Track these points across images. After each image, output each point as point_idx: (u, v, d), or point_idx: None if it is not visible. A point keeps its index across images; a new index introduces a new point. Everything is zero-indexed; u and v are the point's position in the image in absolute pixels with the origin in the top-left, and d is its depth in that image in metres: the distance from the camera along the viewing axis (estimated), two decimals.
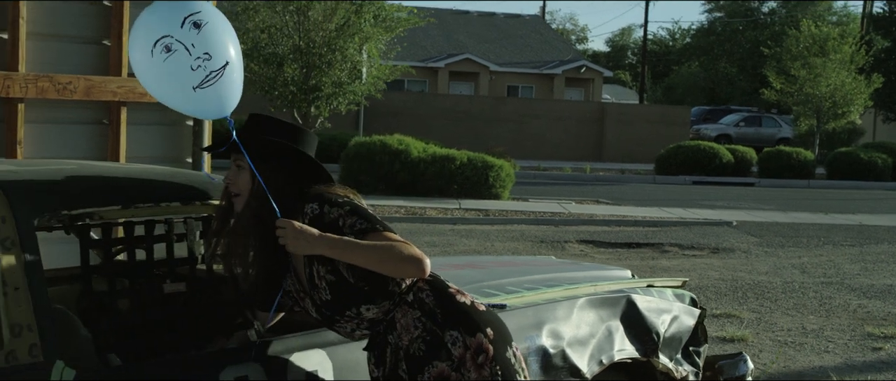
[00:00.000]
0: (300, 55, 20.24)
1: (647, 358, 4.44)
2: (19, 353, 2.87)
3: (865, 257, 14.83)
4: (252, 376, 3.19)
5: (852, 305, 10.99)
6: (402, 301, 3.22)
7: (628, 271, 5.33)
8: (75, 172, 3.32)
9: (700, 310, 4.92)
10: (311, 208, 3.22)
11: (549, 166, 32.82)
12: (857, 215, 21.16)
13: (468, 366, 3.15)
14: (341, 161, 21.64)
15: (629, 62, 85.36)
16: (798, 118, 35.43)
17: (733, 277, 12.61)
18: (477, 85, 47.22)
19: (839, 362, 8.46)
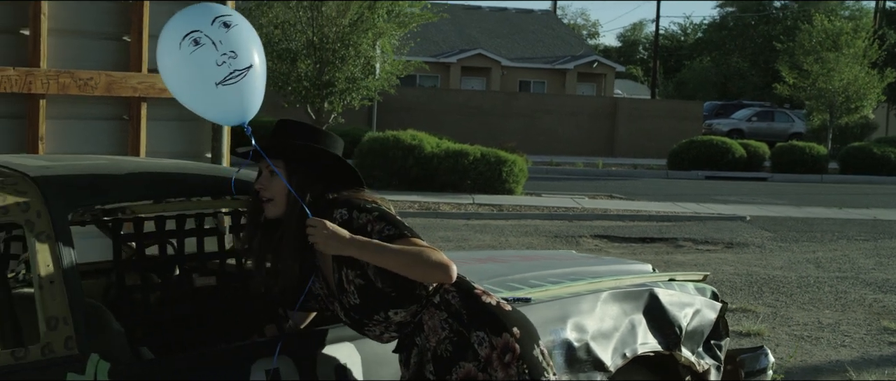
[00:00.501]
0: (313, 51, 20.27)
1: (669, 351, 4.46)
2: (55, 345, 2.91)
3: (880, 252, 14.81)
4: (283, 369, 3.22)
5: (868, 299, 10.99)
6: (429, 304, 3.25)
7: (649, 265, 5.35)
8: (107, 167, 3.35)
9: (721, 304, 4.94)
10: (340, 213, 3.24)
11: (561, 161, 32.82)
12: (871, 210, 21.12)
13: (495, 366, 3.17)
14: (354, 157, 21.66)
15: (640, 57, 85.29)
16: (811, 113, 35.37)
17: (748, 271, 12.61)
18: (489, 80, 47.23)
19: (856, 356, 8.46)
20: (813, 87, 33.38)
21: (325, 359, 3.34)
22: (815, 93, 33.52)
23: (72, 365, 2.89)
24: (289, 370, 3.24)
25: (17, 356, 2.88)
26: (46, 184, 3.06)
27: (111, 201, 3.16)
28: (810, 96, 33.89)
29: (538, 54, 49.67)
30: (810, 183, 29.30)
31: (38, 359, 2.88)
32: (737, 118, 45.47)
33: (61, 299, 2.91)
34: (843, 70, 32.46)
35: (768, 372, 5.14)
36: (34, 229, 2.97)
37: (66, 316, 2.90)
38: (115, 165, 3.42)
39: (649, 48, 76.96)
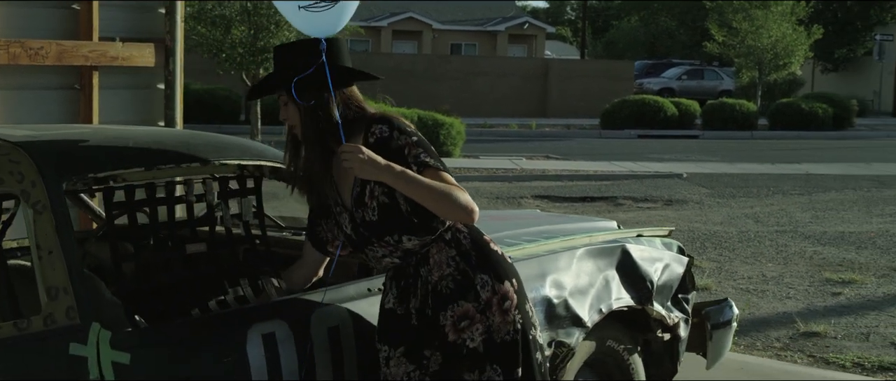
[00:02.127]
0: (248, 17, 20.06)
1: (642, 306, 4.53)
2: (57, 315, 2.89)
3: (815, 206, 15.09)
4: (279, 333, 3.23)
5: (808, 252, 11.21)
6: (440, 238, 3.28)
7: (614, 222, 5.42)
8: (95, 135, 3.33)
9: (688, 258, 5.03)
10: (381, 129, 3.24)
11: (495, 123, 32.90)
12: (802, 165, 21.49)
13: (494, 310, 3.23)
14: None
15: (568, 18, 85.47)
16: (740, 70, 35.77)
17: (689, 228, 12.79)
18: (420, 44, 47.12)
19: (802, 307, 8.65)
20: (742, 44, 33.74)
21: (320, 321, 3.36)
22: (744, 50, 33.88)
23: (74, 335, 2.87)
24: (284, 333, 3.25)
25: (19, 327, 2.86)
26: (40, 153, 3.03)
27: (103, 168, 3.14)
28: (739, 54, 34.25)
29: (469, 16, 49.62)
30: (741, 139, 29.69)
31: (40, 330, 2.86)
32: (667, 77, 45.89)
33: (61, 269, 2.89)
34: (772, 27, 32.84)
35: (733, 324, 5.25)
36: (30, 198, 2.94)
37: (67, 286, 2.88)
38: (102, 132, 3.40)
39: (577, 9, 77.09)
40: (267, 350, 3.19)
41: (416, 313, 3.27)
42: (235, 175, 3.64)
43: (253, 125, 20.84)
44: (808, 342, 7.57)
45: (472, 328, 3.23)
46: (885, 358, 7.10)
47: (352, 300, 3.51)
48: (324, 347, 3.33)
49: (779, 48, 33.18)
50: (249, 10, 20.03)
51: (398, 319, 3.31)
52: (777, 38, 32.93)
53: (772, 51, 33.28)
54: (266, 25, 20.16)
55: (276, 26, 20.17)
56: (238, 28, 20.21)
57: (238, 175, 3.65)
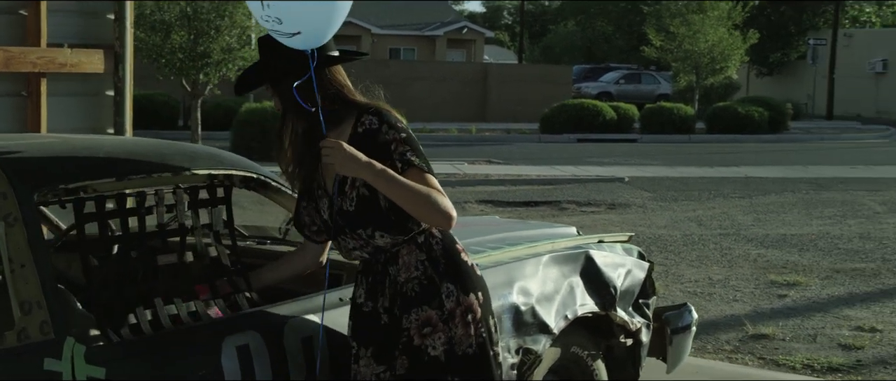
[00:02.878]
0: (188, 22, 19.89)
1: (605, 312, 4.55)
2: (31, 330, 2.83)
3: (756, 209, 15.28)
4: (252, 344, 3.20)
5: (752, 254, 11.34)
6: (412, 240, 3.25)
7: (573, 227, 5.43)
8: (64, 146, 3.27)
9: (648, 263, 5.06)
10: (370, 120, 3.21)
11: (434, 128, 32.90)
12: (741, 168, 21.73)
13: (456, 321, 3.20)
14: (232, 128, 21.40)
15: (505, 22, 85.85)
16: (677, 74, 36.15)
17: (634, 231, 12.81)
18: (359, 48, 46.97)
19: (749, 310, 8.74)
20: (679, 49, 34.09)
21: (292, 332, 3.33)
22: (681, 55, 34.23)
23: (49, 350, 2.82)
24: (257, 344, 3.22)
25: None
26: (9, 165, 2.98)
27: (75, 180, 3.08)
28: (677, 58, 34.60)
29: (408, 21, 49.63)
30: (679, 143, 29.97)
31: (14, 345, 2.80)
32: (605, 81, 46.24)
33: (34, 283, 2.83)
34: (708, 32, 33.22)
35: (692, 328, 5.29)
36: (1, 211, 2.88)
37: (40, 300, 2.82)
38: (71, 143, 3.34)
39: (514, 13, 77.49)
40: (241, 362, 3.15)
41: (386, 312, 3.25)
42: (205, 185, 3.60)
43: (193, 131, 20.66)
44: (757, 344, 7.65)
45: (435, 336, 3.20)
46: (834, 359, 7.20)
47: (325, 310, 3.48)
48: (297, 358, 3.30)
49: (715, 53, 33.57)
50: (189, 14, 19.88)
51: (367, 316, 3.29)
52: (714, 42, 33.32)
53: (709, 55, 33.66)
54: (206, 30, 20.02)
55: (216, 31, 20.03)
56: (178, 33, 20.04)
57: (208, 185, 3.61)
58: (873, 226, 13.54)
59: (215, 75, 20.54)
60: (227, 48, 20.31)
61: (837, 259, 11.06)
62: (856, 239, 12.40)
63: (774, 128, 33.23)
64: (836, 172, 20.99)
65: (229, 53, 20.37)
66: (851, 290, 9.53)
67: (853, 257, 11.23)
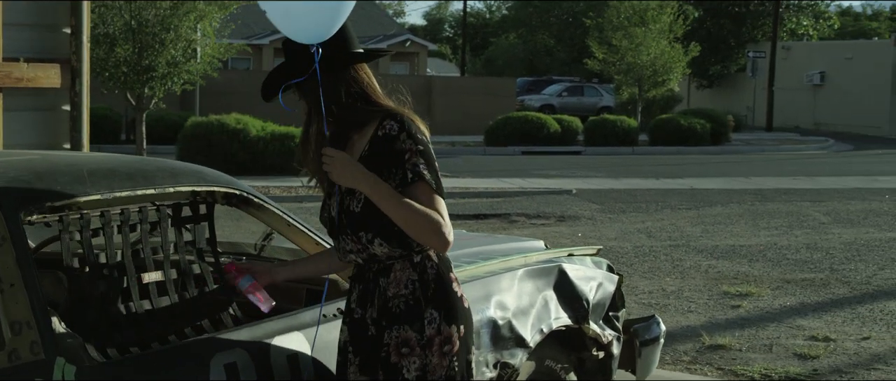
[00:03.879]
0: (132, 35, 19.70)
1: (578, 325, 4.57)
2: (21, 351, 2.79)
3: (704, 220, 15.43)
4: (240, 362, 3.18)
5: (703, 266, 11.45)
6: (408, 257, 3.21)
7: (541, 241, 5.46)
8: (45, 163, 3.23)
9: (618, 276, 5.09)
10: (390, 125, 3.18)
11: None
12: (686, 180, 21.95)
13: (433, 349, 3.17)
14: (178, 142, 21.25)
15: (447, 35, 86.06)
16: (620, 87, 36.43)
17: (585, 243, 12.94)
18: None
19: (704, 321, 8.81)
20: (622, 61, 34.35)
21: (278, 349, 3.31)
22: (624, 67, 34.49)
23: (39, 371, 2.78)
24: (244, 362, 3.20)
25: None
26: None
27: (61, 198, 3.04)
28: (619, 71, 34.86)
29: None
30: (623, 155, 30.20)
31: (5, 366, 2.76)
32: (548, 94, 46.50)
33: (23, 303, 2.79)
34: (651, 45, 33.52)
35: (660, 340, 5.33)
36: None
37: (30, 320, 2.78)
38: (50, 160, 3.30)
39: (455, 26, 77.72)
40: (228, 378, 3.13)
41: (373, 323, 3.22)
42: (188, 202, 3.57)
43: (138, 145, 20.46)
44: (714, 355, 7.72)
45: (411, 358, 3.16)
46: (791, 369, 7.28)
47: (308, 327, 3.47)
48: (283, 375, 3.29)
49: (658, 65, 33.88)
50: (134, 28, 19.68)
51: (357, 323, 3.27)
52: (656, 55, 33.62)
53: (651, 68, 33.96)
54: (151, 44, 19.83)
55: (161, 45, 19.86)
56: (122, 46, 19.83)
57: (191, 202, 3.58)
58: (819, 236, 13.73)
59: (161, 89, 20.36)
60: (173, 62, 20.14)
61: (787, 270, 11.20)
62: (803, 250, 12.56)
63: (716, 140, 33.61)
64: (779, 184, 21.28)
65: (175, 67, 20.21)
66: (802, 300, 9.65)
67: (802, 267, 11.38)
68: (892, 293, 10.02)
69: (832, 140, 38.75)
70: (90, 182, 3.12)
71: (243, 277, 3.38)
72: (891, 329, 8.50)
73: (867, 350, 7.85)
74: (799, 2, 56.03)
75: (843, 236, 13.85)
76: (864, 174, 24.21)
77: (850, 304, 9.54)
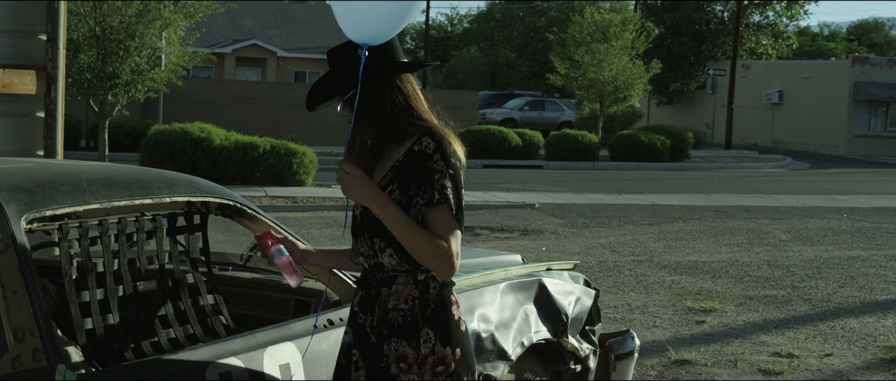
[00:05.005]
0: (96, 41, 19.62)
1: (557, 339, 4.63)
2: (24, 358, 2.81)
3: (666, 236, 15.56)
4: (234, 371, 3.21)
5: (667, 281, 11.56)
6: (414, 274, 3.23)
7: (518, 255, 5.51)
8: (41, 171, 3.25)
9: (595, 290, 5.16)
10: (427, 143, 3.18)
11: (341, 152, 32.83)
12: (647, 195, 22.11)
13: (427, 368, 3.18)
14: (141, 150, 21.15)
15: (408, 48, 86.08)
16: (581, 102, 36.64)
17: (549, 257, 13.01)
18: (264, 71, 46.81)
19: (670, 336, 8.91)
20: (584, 77, 34.57)
21: (271, 358, 3.35)
22: (586, 83, 34.72)
23: (41, 378, 2.80)
24: (239, 371, 3.23)
25: None
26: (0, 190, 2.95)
27: (62, 205, 3.06)
28: (581, 86, 35.08)
29: (313, 44, 49.52)
30: (584, 170, 30.37)
31: (8, 373, 2.78)
32: (509, 108, 46.67)
33: (26, 310, 2.81)
34: (613, 61, 33.76)
35: (635, 355, 5.40)
36: None
37: (32, 327, 2.80)
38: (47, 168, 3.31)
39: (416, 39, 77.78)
40: None
41: (373, 332, 3.24)
42: (183, 212, 3.60)
43: (101, 152, 20.35)
44: (681, 370, 7.81)
45: (408, 374, 3.19)
46: None
47: (299, 337, 3.51)
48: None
49: (619, 81, 34.13)
50: (98, 34, 19.60)
51: (360, 328, 3.28)
52: (618, 71, 33.87)
53: (613, 84, 34.21)
54: (115, 51, 19.76)
55: (125, 52, 19.80)
56: (86, 53, 19.75)
57: (185, 212, 3.61)
58: (780, 254, 13.90)
59: (124, 96, 20.29)
60: (137, 69, 20.08)
61: (749, 286, 11.34)
62: (765, 267, 12.72)
63: (676, 156, 33.89)
64: (739, 201, 21.50)
65: (139, 74, 20.16)
66: (765, 316, 9.78)
67: (764, 284, 11.52)
68: (852, 311, 10.17)
69: (790, 158, 39.21)
70: (89, 191, 3.15)
71: (277, 248, 3.39)
72: (852, 346, 8.64)
73: (830, 366, 7.97)
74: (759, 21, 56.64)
75: (803, 253, 14.03)
76: (822, 193, 24.52)
77: (812, 321, 9.67)
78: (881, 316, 9.93)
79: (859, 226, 17.71)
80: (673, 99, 53.19)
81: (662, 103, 53.27)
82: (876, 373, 7.79)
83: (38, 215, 2.98)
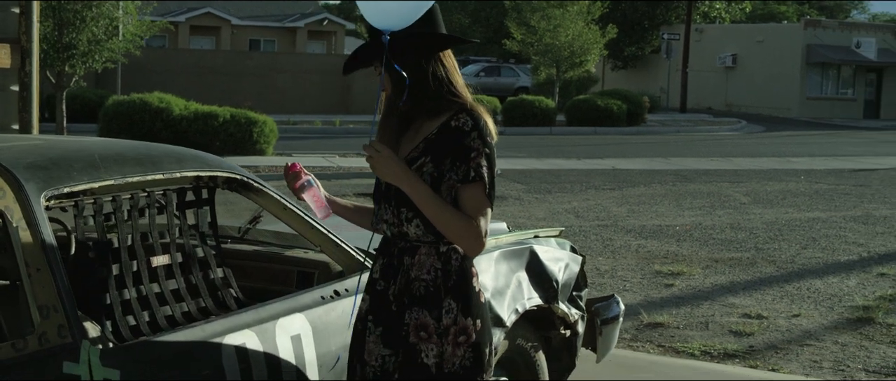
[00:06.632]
0: (53, 12, 19.43)
1: (548, 305, 4.71)
2: (50, 335, 2.84)
3: (628, 200, 15.71)
4: (249, 343, 3.25)
5: (633, 245, 11.69)
6: (436, 245, 3.25)
7: (503, 223, 5.58)
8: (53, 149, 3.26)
9: (581, 256, 5.24)
10: (465, 120, 3.18)
11: (299, 120, 32.77)
12: (607, 160, 22.28)
13: (449, 339, 3.22)
14: (100, 121, 21.00)
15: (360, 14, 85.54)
16: (538, 68, 36.72)
17: (515, 224, 13.04)
18: (219, 39, 46.45)
19: (640, 299, 9.02)
20: (540, 42, 34.63)
21: (282, 330, 3.40)
22: (542, 48, 34.79)
23: (67, 354, 2.83)
24: (253, 343, 3.28)
25: (17, 347, 2.80)
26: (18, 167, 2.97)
27: (78, 182, 3.08)
28: (538, 52, 35.15)
29: (268, 12, 49.21)
30: (542, 135, 30.48)
31: (36, 349, 2.81)
32: (465, 74, 46.63)
33: (49, 287, 2.83)
34: (569, 26, 33.84)
35: (620, 319, 5.50)
36: (14, 216, 2.88)
37: (57, 304, 2.83)
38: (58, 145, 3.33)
39: None
40: (239, 361, 3.21)
41: (395, 300, 3.26)
42: (191, 186, 3.63)
43: (58, 123, 20.19)
44: (654, 333, 7.93)
45: (429, 344, 3.22)
46: (729, 345, 7.53)
47: (309, 308, 3.56)
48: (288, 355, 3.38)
49: (575, 47, 34.23)
50: (54, 4, 19.40)
51: (380, 294, 3.30)
52: (574, 36, 33.97)
53: (569, 49, 34.30)
54: (72, 21, 19.58)
55: (82, 22, 19.61)
56: (43, 23, 19.51)
57: (194, 186, 3.64)
58: (741, 217, 14.09)
59: (81, 67, 20.12)
60: (94, 40, 19.91)
61: (714, 249, 11.50)
62: (728, 229, 12.89)
63: (632, 120, 34.11)
64: (697, 165, 21.72)
65: (96, 45, 19.99)
66: (732, 279, 9.93)
67: (728, 246, 11.69)
68: (816, 272, 10.36)
69: (744, 121, 39.59)
70: (103, 168, 3.18)
71: (307, 179, 3.39)
72: (818, 307, 8.81)
73: (798, 327, 8.13)
74: None
75: (765, 216, 14.23)
76: (778, 155, 24.82)
77: (778, 282, 9.84)
78: (844, 277, 10.12)
79: (817, 188, 17.97)
80: (628, 63, 53.42)
81: (617, 68, 53.49)
82: (843, 333, 7.95)
83: (57, 192, 3.00)
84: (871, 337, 7.83)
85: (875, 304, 8.81)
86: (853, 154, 26.03)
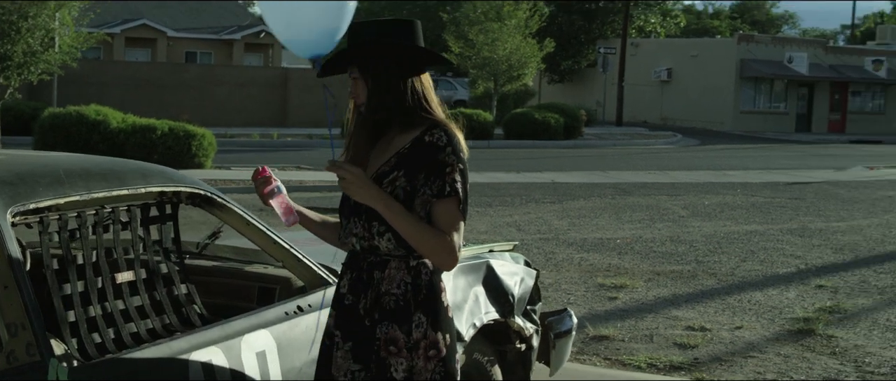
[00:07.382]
0: None
1: (505, 319, 4.74)
2: (18, 353, 2.80)
3: (568, 213, 15.81)
4: (215, 360, 3.24)
5: (575, 258, 11.77)
6: (406, 259, 3.26)
7: None
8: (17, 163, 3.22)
9: (535, 271, 5.28)
10: (439, 135, 3.20)
11: (236, 133, 32.60)
12: (546, 173, 22.41)
13: (419, 353, 3.23)
14: (35, 133, 20.73)
15: None
16: (475, 81, 36.86)
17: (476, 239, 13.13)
18: (155, 51, 46.03)
19: (585, 312, 9.08)
20: (478, 56, 34.77)
21: (248, 346, 3.39)
22: (480, 62, 34.93)
23: (35, 372, 2.80)
24: (219, 359, 3.26)
25: None
26: None
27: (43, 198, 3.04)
28: (476, 65, 35.29)
29: (204, 25, 48.86)
30: (480, 149, 30.53)
31: (4, 368, 2.77)
32: None
33: (17, 304, 2.80)
34: (506, 40, 34.02)
35: (573, 333, 5.54)
36: None
37: (25, 322, 2.80)
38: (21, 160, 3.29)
39: None
40: (206, 378, 3.20)
41: (366, 315, 3.27)
42: (155, 202, 3.60)
43: None
44: (599, 346, 7.99)
45: (398, 358, 3.23)
46: (674, 358, 7.61)
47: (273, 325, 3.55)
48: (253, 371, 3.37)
49: (513, 60, 34.42)
50: None
51: (348, 310, 3.30)
52: (512, 50, 34.15)
53: (506, 62, 34.48)
54: (7, 32, 19.32)
55: (17, 33, 19.36)
56: None
57: (158, 202, 3.62)
58: (681, 229, 14.25)
59: (16, 78, 19.85)
60: (30, 51, 19.66)
61: (655, 262, 11.61)
62: (668, 242, 13.03)
63: (570, 134, 34.36)
64: (635, 178, 21.93)
65: (32, 56, 19.73)
66: (675, 291, 10.04)
67: (669, 259, 11.81)
68: (755, 284, 10.50)
69: (679, 135, 40.07)
70: (68, 183, 3.15)
71: (277, 184, 3.37)
72: (760, 319, 8.93)
73: (741, 339, 8.24)
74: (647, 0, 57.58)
75: (703, 228, 14.40)
76: (714, 168, 25.14)
77: (720, 295, 9.96)
78: (784, 289, 10.27)
79: (753, 201, 18.23)
80: (564, 77, 53.83)
81: (554, 81, 53.88)
82: (785, 345, 8.07)
83: (23, 208, 2.97)
84: (813, 348, 7.96)
85: (815, 316, 8.96)
86: (787, 167, 26.44)
